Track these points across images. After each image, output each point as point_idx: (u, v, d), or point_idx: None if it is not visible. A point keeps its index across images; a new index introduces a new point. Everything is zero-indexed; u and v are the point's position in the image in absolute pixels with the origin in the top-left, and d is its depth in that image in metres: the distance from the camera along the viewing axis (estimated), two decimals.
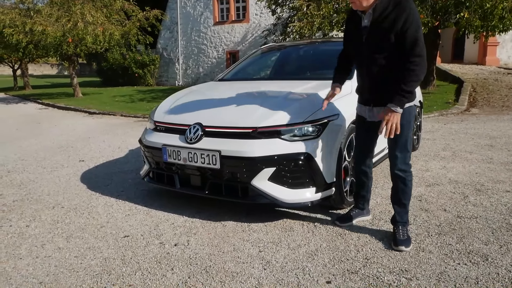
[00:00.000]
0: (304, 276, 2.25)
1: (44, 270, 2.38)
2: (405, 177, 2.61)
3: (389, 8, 2.34)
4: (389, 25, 2.33)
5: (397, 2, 2.34)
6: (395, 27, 2.31)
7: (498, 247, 2.54)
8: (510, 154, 5.13)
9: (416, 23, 2.30)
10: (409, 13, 2.29)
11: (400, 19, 2.29)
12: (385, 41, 2.37)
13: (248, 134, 2.89)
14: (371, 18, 2.42)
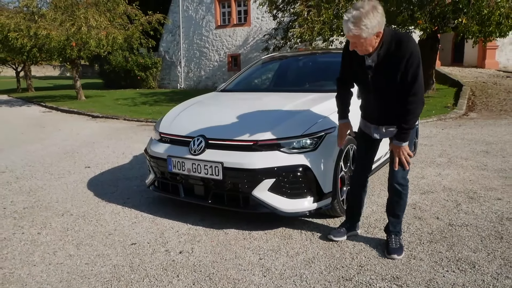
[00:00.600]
0: (301, 283, 2.40)
1: (57, 277, 2.53)
2: (402, 190, 2.74)
3: (392, 48, 2.42)
4: (393, 65, 2.44)
5: (399, 41, 2.42)
6: (399, 67, 2.42)
7: (486, 255, 2.68)
8: (504, 161, 5.27)
9: (417, 61, 2.40)
10: (411, 52, 2.38)
11: (404, 59, 2.39)
12: (390, 79, 2.49)
13: (249, 147, 3.04)
14: (376, 59, 2.50)
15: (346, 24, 2.33)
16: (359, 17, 2.27)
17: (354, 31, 2.31)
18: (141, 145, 6.95)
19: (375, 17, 2.28)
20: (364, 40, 2.35)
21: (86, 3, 15.09)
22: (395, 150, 2.61)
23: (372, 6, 2.29)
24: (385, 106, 2.65)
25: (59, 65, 52.08)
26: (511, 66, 19.77)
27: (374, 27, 2.30)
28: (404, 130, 2.53)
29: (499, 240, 2.90)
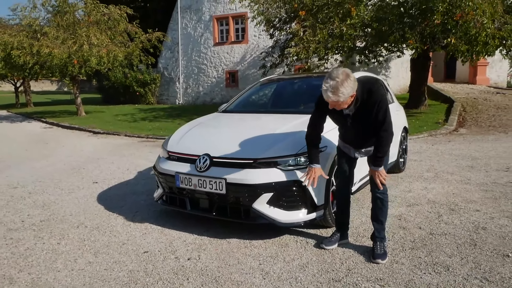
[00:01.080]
0: (296, 284, 2.74)
1: (80, 281, 2.86)
2: (383, 198, 3.17)
3: (365, 97, 2.91)
4: (367, 112, 2.94)
5: (370, 91, 2.91)
6: (372, 112, 2.92)
7: (460, 259, 3.03)
8: (487, 175, 5.65)
9: (385, 105, 2.91)
10: (380, 99, 2.89)
11: (375, 105, 2.89)
12: (365, 121, 2.99)
13: (250, 164, 3.40)
14: (353, 110, 2.98)
15: (326, 92, 2.79)
16: (336, 86, 2.73)
17: (333, 98, 2.78)
18: (144, 161, 7.29)
19: (349, 85, 2.75)
20: (341, 102, 2.83)
21: (87, 22, 15.52)
22: (373, 173, 3.09)
23: (345, 75, 2.75)
24: (361, 138, 3.17)
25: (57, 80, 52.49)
26: (501, 83, 20.34)
27: (349, 93, 2.78)
28: (379, 158, 3.03)
29: (473, 247, 3.25)
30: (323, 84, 2.77)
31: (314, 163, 3.22)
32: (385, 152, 3.04)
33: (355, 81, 2.80)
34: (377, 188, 3.14)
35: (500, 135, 9.73)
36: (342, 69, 2.80)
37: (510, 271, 2.83)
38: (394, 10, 11.32)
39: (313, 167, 3.21)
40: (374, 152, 3.09)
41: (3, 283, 2.85)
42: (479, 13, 9.79)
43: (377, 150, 3.05)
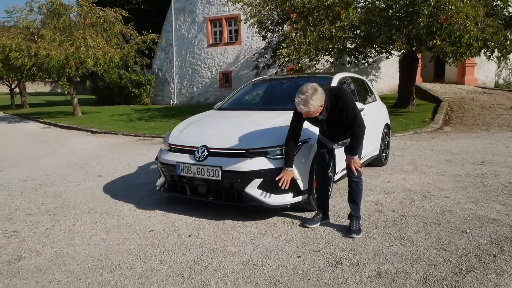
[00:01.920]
0: (282, 253, 3.21)
1: (97, 252, 3.32)
2: (358, 181, 3.68)
3: (333, 102, 3.41)
4: (338, 113, 3.45)
5: (336, 96, 3.42)
6: (342, 112, 3.42)
7: (424, 235, 3.52)
8: (462, 168, 6.15)
9: (352, 105, 3.41)
10: (346, 101, 3.39)
11: (343, 107, 3.40)
12: (338, 122, 3.51)
13: (242, 154, 3.88)
14: (325, 115, 3.49)
15: (298, 105, 3.32)
16: (306, 99, 3.25)
17: (304, 109, 3.30)
18: (143, 158, 7.73)
19: (317, 97, 3.26)
20: (312, 112, 3.34)
21: (83, 24, 15.89)
22: (349, 161, 3.60)
23: (313, 89, 3.27)
24: (337, 135, 3.70)
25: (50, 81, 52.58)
26: (489, 83, 20.95)
27: (318, 104, 3.29)
28: (354, 148, 3.56)
29: (437, 225, 3.75)
30: (296, 98, 3.30)
31: (287, 167, 3.71)
32: (359, 143, 3.54)
33: (323, 93, 3.31)
34: (352, 174, 3.62)
35: (482, 133, 10.25)
36: (311, 85, 3.30)
37: (465, 243, 3.32)
38: (382, 13, 11.82)
39: (287, 170, 3.70)
40: (350, 143, 3.60)
41: (31, 255, 3.31)
42: (462, 16, 10.32)
43: (352, 141, 3.56)
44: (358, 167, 3.59)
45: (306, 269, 2.96)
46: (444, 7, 10.44)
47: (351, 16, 11.99)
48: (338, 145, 3.78)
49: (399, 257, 3.09)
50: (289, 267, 2.99)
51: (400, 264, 2.98)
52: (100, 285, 2.80)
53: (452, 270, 2.87)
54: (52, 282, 2.87)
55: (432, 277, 2.78)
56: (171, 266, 3.06)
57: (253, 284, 2.77)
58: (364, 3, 13.22)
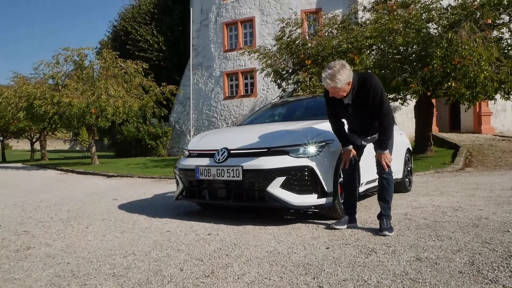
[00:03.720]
0: (309, 247, 2.96)
1: (110, 244, 3.11)
2: (388, 178, 3.46)
3: (361, 86, 3.31)
4: (364, 99, 3.32)
5: (364, 79, 3.32)
6: (369, 96, 3.29)
7: (462, 233, 3.24)
8: (491, 192, 5.84)
9: (380, 90, 3.28)
10: (374, 86, 3.26)
11: (370, 92, 3.27)
12: (365, 109, 3.38)
13: (264, 153, 3.74)
14: (351, 98, 3.38)
15: (325, 80, 3.26)
16: (333, 74, 3.19)
17: (331, 84, 3.22)
18: (159, 190, 7.59)
19: (345, 72, 3.20)
20: (339, 89, 3.25)
21: (105, 75, 16.52)
22: (379, 156, 3.41)
23: (341, 64, 3.24)
24: (365, 126, 3.53)
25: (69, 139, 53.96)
26: (506, 132, 20.72)
27: (345, 80, 3.21)
28: (384, 141, 3.37)
29: (475, 227, 3.46)
30: (323, 74, 3.22)
31: (344, 146, 3.58)
32: (388, 135, 3.37)
33: (351, 70, 3.24)
34: (383, 170, 3.43)
35: (507, 171, 9.89)
36: (339, 61, 3.26)
37: (509, 239, 3.02)
38: (395, 57, 12.02)
39: (346, 148, 3.55)
40: (378, 136, 3.43)
41: (40, 246, 3.11)
42: (475, 56, 10.39)
43: (381, 133, 3.39)
44: (389, 162, 3.40)
45: (337, 256, 2.70)
46: (457, 48, 10.56)
47: (365, 61, 12.21)
48: (366, 140, 3.60)
49: (439, 248, 2.81)
50: (318, 255, 2.73)
51: (441, 253, 2.70)
52: (112, 267, 2.58)
53: (501, 256, 2.59)
54: (61, 264, 2.66)
55: (479, 261, 2.49)
56: (189, 254, 2.83)
57: (279, 266, 2.52)
58: (377, 50, 13.50)
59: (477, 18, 11.23)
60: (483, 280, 2.19)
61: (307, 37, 15.11)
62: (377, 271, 2.39)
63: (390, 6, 13.39)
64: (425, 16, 11.96)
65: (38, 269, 2.61)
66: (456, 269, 2.38)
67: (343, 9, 18.33)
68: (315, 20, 18.32)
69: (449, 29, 11.09)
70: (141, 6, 28.15)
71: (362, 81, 3.30)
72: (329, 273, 2.39)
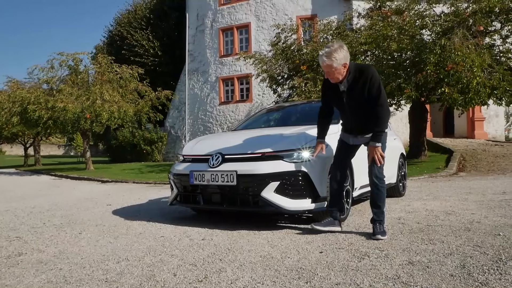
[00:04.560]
0: (302, 251, 2.97)
1: (103, 250, 3.11)
2: (379, 183, 3.44)
3: (357, 75, 3.31)
4: (360, 87, 3.31)
5: (362, 69, 3.33)
6: (365, 86, 3.29)
7: (454, 237, 3.26)
8: (483, 197, 5.88)
9: (377, 81, 3.27)
10: (371, 76, 3.27)
11: (366, 81, 3.27)
12: (360, 98, 3.36)
13: (258, 158, 3.75)
14: (347, 85, 3.37)
15: (321, 57, 3.27)
16: (330, 52, 3.21)
17: (327, 61, 3.23)
18: (154, 195, 7.57)
19: (342, 52, 3.22)
20: (334, 69, 3.25)
21: (101, 80, 16.48)
22: (371, 150, 3.38)
23: (339, 45, 3.26)
24: (359, 119, 3.48)
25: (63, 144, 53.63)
26: (499, 137, 20.89)
27: (341, 59, 3.22)
28: (377, 133, 3.33)
29: (467, 231, 3.48)
30: (320, 52, 3.25)
31: (319, 138, 3.60)
32: (383, 127, 3.34)
33: (348, 52, 3.26)
34: (374, 176, 3.43)
35: (499, 176, 9.97)
36: (338, 41, 3.27)
37: (500, 242, 3.05)
38: (389, 63, 12.11)
39: (320, 141, 3.59)
40: (373, 128, 3.36)
41: (32, 252, 3.10)
42: (468, 62, 10.49)
43: (375, 125, 3.34)
44: (380, 158, 3.36)
45: (330, 260, 2.71)
46: (450, 54, 10.66)
47: None
48: (359, 140, 3.57)
49: (431, 252, 2.83)
50: (312, 259, 2.74)
51: (433, 256, 2.72)
52: (105, 272, 2.58)
53: (491, 259, 2.61)
54: (53, 269, 2.65)
55: (470, 264, 2.51)
56: (182, 259, 2.84)
57: (273, 270, 2.53)
58: (371, 56, 13.59)
59: (469, 25, 11.36)
60: (474, 283, 2.21)
61: (302, 43, 15.19)
62: (369, 275, 2.41)
63: (385, 12, 13.51)
64: (419, 22, 12.08)
65: (30, 275, 2.60)
66: (447, 272, 2.40)
67: (338, 15, 18.45)
68: (310, 26, 18.43)
69: (442, 35, 11.20)
70: (137, 11, 28.20)
71: (360, 70, 3.31)
72: (322, 277, 2.40)
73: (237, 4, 22.38)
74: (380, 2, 13.67)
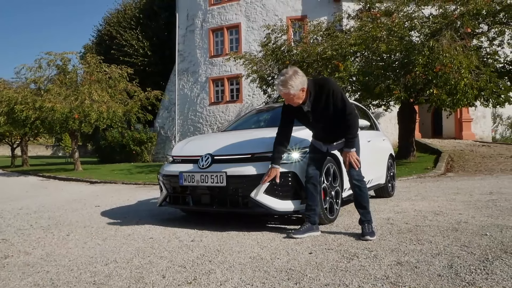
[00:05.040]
0: (292, 252, 2.97)
1: (91, 252, 3.07)
2: (360, 184, 3.47)
3: (318, 92, 3.31)
4: (324, 104, 3.32)
5: (321, 85, 3.31)
6: (329, 103, 3.30)
7: (442, 237, 3.29)
8: (471, 197, 5.95)
9: (339, 93, 3.28)
10: (332, 90, 3.26)
11: (329, 96, 3.27)
12: (326, 114, 3.37)
13: (248, 159, 3.75)
14: (310, 105, 3.37)
15: (278, 87, 3.26)
16: (285, 80, 3.19)
17: (283, 90, 3.22)
18: (143, 196, 7.52)
19: (297, 78, 3.19)
20: (293, 95, 3.24)
21: (89, 80, 16.32)
22: (346, 155, 3.41)
23: (293, 71, 3.23)
24: (329, 131, 3.53)
25: (52, 145, 52.99)
26: (486, 137, 21.17)
27: (298, 85, 3.20)
28: (350, 139, 3.37)
29: (455, 231, 3.52)
30: (275, 81, 3.22)
31: (275, 164, 3.52)
32: (354, 133, 3.36)
33: (304, 76, 3.23)
34: (354, 180, 3.46)
35: (486, 176, 10.10)
36: (292, 67, 3.26)
37: (487, 242, 3.09)
38: (379, 64, 12.19)
39: (274, 167, 3.51)
40: (344, 135, 3.41)
41: (19, 255, 3.06)
42: (456, 63, 10.61)
43: (347, 133, 3.37)
44: (356, 161, 3.39)
45: (320, 261, 2.72)
46: (438, 55, 10.77)
47: (349, 67, 12.34)
48: (332, 147, 3.63)
49: (419, 252, 2.86)
50: (301, 260, 2.75)
51: (421, 257, 2.74)
52: (93, 274, 2.55)
53: (478, 259, 2.64)
54: (40, 272, 2.62)
55: (457, 264, 2.54)
56: (171, 261, 2.82)
57: (262, 272, 2.52)
58: (361, 57, 13.67)
59: (457, 27, 11.48)
60: (461, 283, 2.23)
61: (293, 44, 15.22)
62: (358, 275, 2.42)
63: (374, 14, 13.61)
64: (407, 24, 12.18)
65: (16, 278, 2.57)
66: (435, 272, 2.42)
67: (328, 16, 18.52)
68: (300, 27, 18.49)
69: (431, 37, 11.31)
70: (126, 10, 28.02)
71: (319, 86, 3.29)
72: (311, 278, 2.40)
73: (227, 4, 22.36)
74: (369, 3, 13.77)
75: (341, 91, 3.31)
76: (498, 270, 2.41)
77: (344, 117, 3.29)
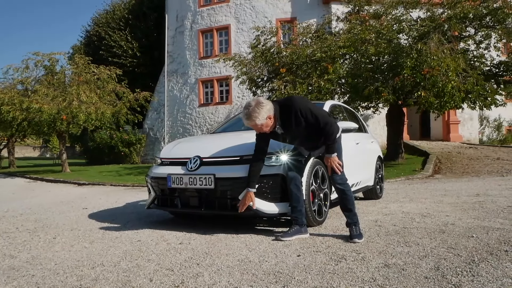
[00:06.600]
0: (280, 255, 2.97)
1: (78, 255, 3.04)
2: (344, 188, 3.50)
3: (286, 115, 3.30)
4: (295, 124, 3.32)
5: (287, 105, 3.29)
6: (299, 121, 3.30)
7: (429, 239, 3.32)
8: (458, 199, 6.02)
9: (307, 109, 3.27)
10: (298, 108, 3.24)
11: (297, 115, 3.27)
12: (301, 130, 3.37)
13: (236, 161, 3.75)
14: (281, 128, 3.38)
15: (243, 119, 3.27)
16: (249, 113, 3.20)
17: (250, 122, 3.24)
18: (132, 198, 7.46)
19: (261, 109, 3.18)
20: (261, 125, 3.24)
21: (77, 81, 16.16)
22: (328, 160, 3.44)
23: (256, 102, 3.23)
24: (308, 143, 3.57)
25: (39, 146, 52.34)
26: (473, 139, 21.46)
27: (263, 115, 3.19)
28: (330, 145, 3.40)
29: (442, 233, 3.55)
30: (240, 114, 3.23)
31: (250, 188, 3.49)
32: (333, 139, 3.37)
33: (268, 105, 3.23)
34: (337, 184, 3.48)
35: (473, 178, 10.23)
36: (255, 98, 3.28)
37: (473, 244, 3.13)
38: (367, 66, 12.28)
39: (249, 191, 3.47)
40: (324, 143, 3.45)
41: (4, 258, 3.01)
42: (443, 66, 10.73)
43: (325, 140, 3.41)
44: (338, 165, 3.42)
45: (308, 264, 2.72)
46: (426, 58, 10.88)
47: (338, 69, 12.41)
48: (314, 154, 3.70)
49: (406, 254, 2.88)
50: (289, 263, 2.75)
51: (408, 259, 2.76)
52: (80, 278, 2.52)
53: (464, 261, 2.67)
54: (25, 276, 2.58)
55: (444, 266, 2.57)
56: (159, 264, 2.80)
57: (250, 274, 2.52)
58: (350, 59, 13.75)
59: (445, 30, 11.63)
60: (447, 285, 2.25)
61: (282, 46, 15.25)
62: (346, 278, 2.43)
63: (363, 16, 13.72)
64: (396, 27, 12.30)
65: (1, 282, 2.53)
66: (422, 274, 2.44)
67: (317, 18, 18.61)
68: (289, 29, 18.57)
69: (419, 40, 11.43)
70: (115, 11, 27.81)
71: (286, 106, 3.29)
72: (299, 280, 2.41)
73: (217, 6, 22.34)
74: (358, 6, 13.87)
75: (309, 106, 3.30)
76: (484, 272, 2.44)
77: (320, 129, 3.32)
